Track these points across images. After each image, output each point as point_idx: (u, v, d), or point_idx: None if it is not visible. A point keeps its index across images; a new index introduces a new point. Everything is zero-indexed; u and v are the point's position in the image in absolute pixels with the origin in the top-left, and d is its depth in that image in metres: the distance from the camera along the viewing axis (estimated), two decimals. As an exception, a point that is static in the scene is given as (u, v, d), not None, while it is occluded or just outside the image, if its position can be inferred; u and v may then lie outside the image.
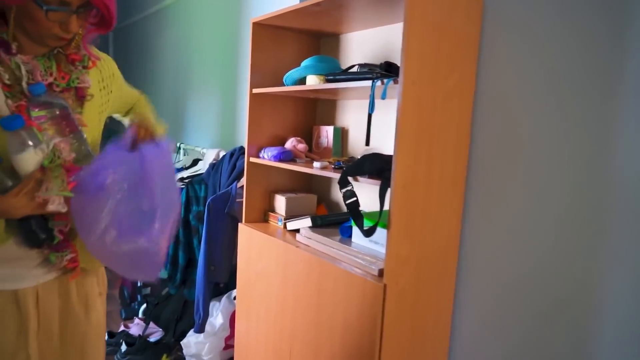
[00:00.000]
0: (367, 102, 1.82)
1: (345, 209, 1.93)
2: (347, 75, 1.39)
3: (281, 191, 1.98)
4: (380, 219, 1.27)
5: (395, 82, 1.20)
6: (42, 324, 1.08)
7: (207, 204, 1.99)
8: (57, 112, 0.94)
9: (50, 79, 0.99)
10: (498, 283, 1.42)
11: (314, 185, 2.11)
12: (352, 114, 1.90)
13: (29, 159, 0.92)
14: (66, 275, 1.09)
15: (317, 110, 2.07)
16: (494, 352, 1.43)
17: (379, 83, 1.23)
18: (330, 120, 2.00)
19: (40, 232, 0.99)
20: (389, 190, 1.24)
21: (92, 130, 1.09)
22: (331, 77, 1.42)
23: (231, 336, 2.16)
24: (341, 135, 1.93)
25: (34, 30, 0.94)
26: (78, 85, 1.03)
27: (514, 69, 1.34)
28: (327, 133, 1.93)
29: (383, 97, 1.20)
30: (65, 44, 1.02)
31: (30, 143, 0.91)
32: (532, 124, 1.31)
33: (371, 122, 1.28)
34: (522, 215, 1.35)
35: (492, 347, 1.44)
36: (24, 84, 0.95)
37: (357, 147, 1.87)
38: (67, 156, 0.98)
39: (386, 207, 1.26)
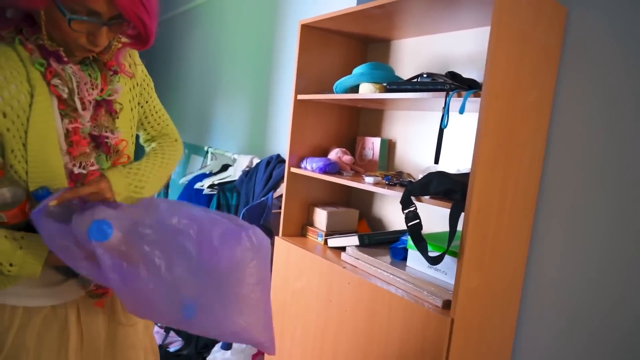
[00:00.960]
0: (418, 113, 1.70)
1: (389, 227, 1.81)
2: (412, 85, 1.27)
3: (320, 204, 1.87)
4: (450, 245, 1.15)
5: (477, 95, 1.08)
6: (86, 338, 1.00)
7: (242, 213, 1.88)
8: None
9: (96, 92, 0.90)
10: (564, 318, 1.29)
11: (353, 199, 1.99)
12: (399, 126, 1.78)
13: None
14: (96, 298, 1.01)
15: (360, 120, 1.96)
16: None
17: (455, 95, 1.12)
18: (375, 131, 1.88)
19: None
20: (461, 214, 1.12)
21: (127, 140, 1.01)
22: (394, 87, 1.31)
23: (258, 353, 2.05)
24: (387, 147, 1.81)
25: (59, 39, 0.82)
26: (109, 98, 0.93)
27: (597, 85, 1.22)
28: (373, 145, 1.81)
29: (461, 111, 1.09)
30: (100, 52, 0.91)
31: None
32: (614, 148, 1.19)
33: (442, 138, 1.16)
34: (596, 245, 1.22)
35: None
36: (76, 99, 0.86)
37: (403, 161, 1.75)
38: None
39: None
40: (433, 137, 1.64)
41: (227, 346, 1.95)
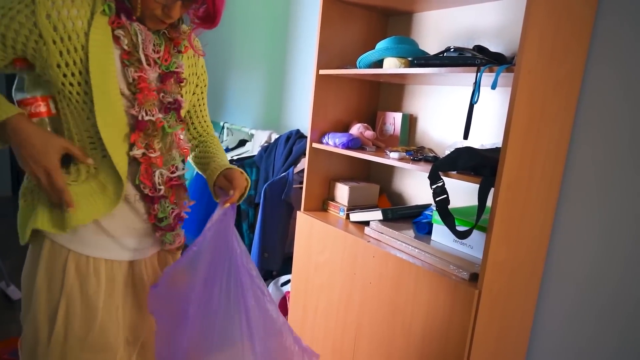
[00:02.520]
0: (439, 87, 1.69)
1: (409, 201, 1.83)
2: (441, 59, 1.26)
3: (341, 179, 1.89)
4: (479, 221, 1.17)
5: (509, 70, 1.07)
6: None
7: (263, 189, 1.91)
8: None
9: (155, 56, 0.96)
10: (583, 291, 1.32)
11: (373, 174, 2.00)
12: (421, 100, 1.77)
13: None
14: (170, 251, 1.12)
15: (380, 94, 1.95)
16: (581, 364, 1.34)
17: (486, 70, 1.11)
18: (396, 106, 1.88)
19: None
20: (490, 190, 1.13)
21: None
22: (422, 62, 1.30)
23: (279, 307, 2.11)
24: (409, 122, 1.81)
25: (138, 7, 0.91)
26: (176, 70, 1.01)
27: (629, 57, 1.20)
28: (394, 120, 1.81)
29: (493, 86, 1.08)
30: (168, 27, 0.99)
31: None
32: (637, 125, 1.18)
33: (472, 114, 1.16)
34: (620, 222, 1.23)
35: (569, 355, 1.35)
36: (140, 53, 0.93)
37: (425, 136, 1.76)
38: None
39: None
40: (454, 112, 1.64)
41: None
